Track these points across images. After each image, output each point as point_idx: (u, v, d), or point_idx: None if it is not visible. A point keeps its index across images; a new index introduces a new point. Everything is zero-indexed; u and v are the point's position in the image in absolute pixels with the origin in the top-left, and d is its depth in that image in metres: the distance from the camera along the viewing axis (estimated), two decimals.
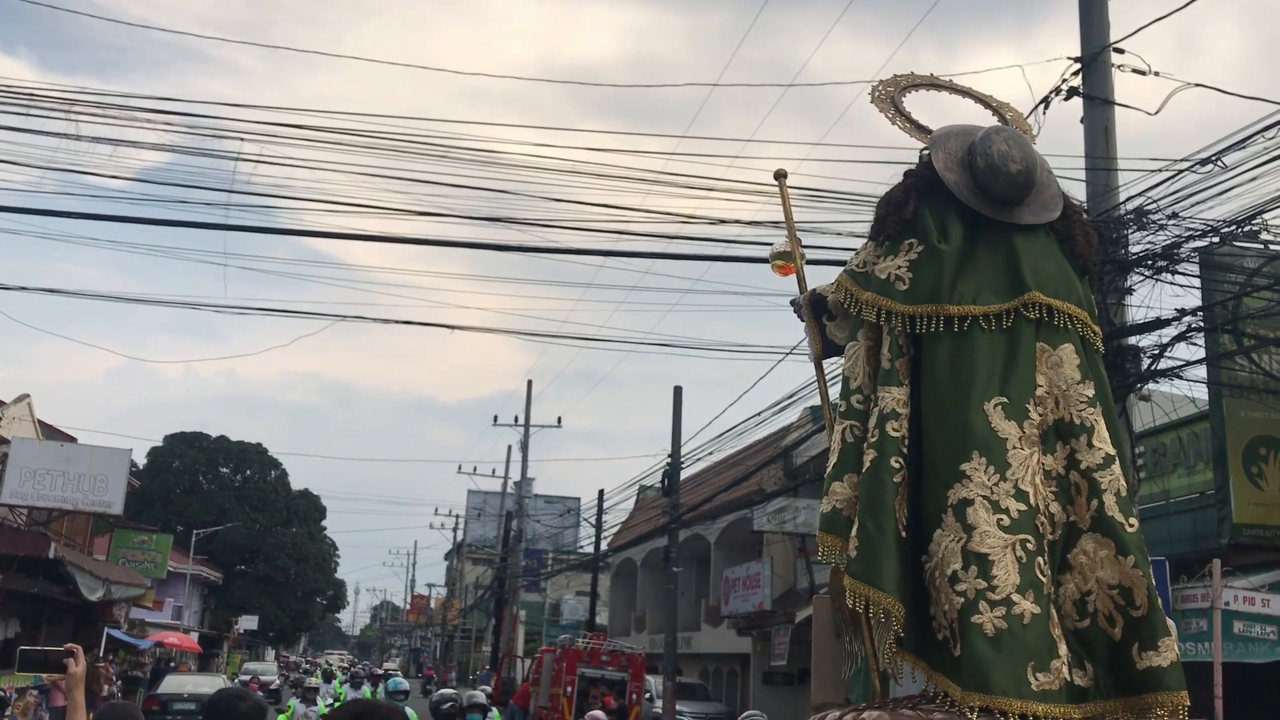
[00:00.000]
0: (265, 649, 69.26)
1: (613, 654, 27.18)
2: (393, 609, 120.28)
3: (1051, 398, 3.59)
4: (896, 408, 3.57)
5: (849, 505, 3.57)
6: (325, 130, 15.03)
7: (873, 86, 4.10)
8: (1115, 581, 3.38)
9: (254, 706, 3.66)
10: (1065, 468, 3.54)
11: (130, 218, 14.72)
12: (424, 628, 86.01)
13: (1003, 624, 3.21)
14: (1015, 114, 4.20)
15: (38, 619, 27.00)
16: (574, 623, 44.89)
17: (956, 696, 3.20)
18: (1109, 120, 13.05)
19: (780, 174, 4.50)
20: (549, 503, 52.61)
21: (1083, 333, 3.70)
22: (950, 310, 3.62)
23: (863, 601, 3.37)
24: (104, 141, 14.34)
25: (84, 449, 27.48)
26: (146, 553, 35.68)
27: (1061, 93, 12.93)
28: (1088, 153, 13.16)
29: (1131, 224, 12.84)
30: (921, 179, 3.87)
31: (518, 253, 17.42)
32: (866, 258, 3.91)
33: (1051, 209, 3.82)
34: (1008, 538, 3.31)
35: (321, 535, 64.21)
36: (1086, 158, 13.18)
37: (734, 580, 28.09)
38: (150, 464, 55.63)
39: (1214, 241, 12.83)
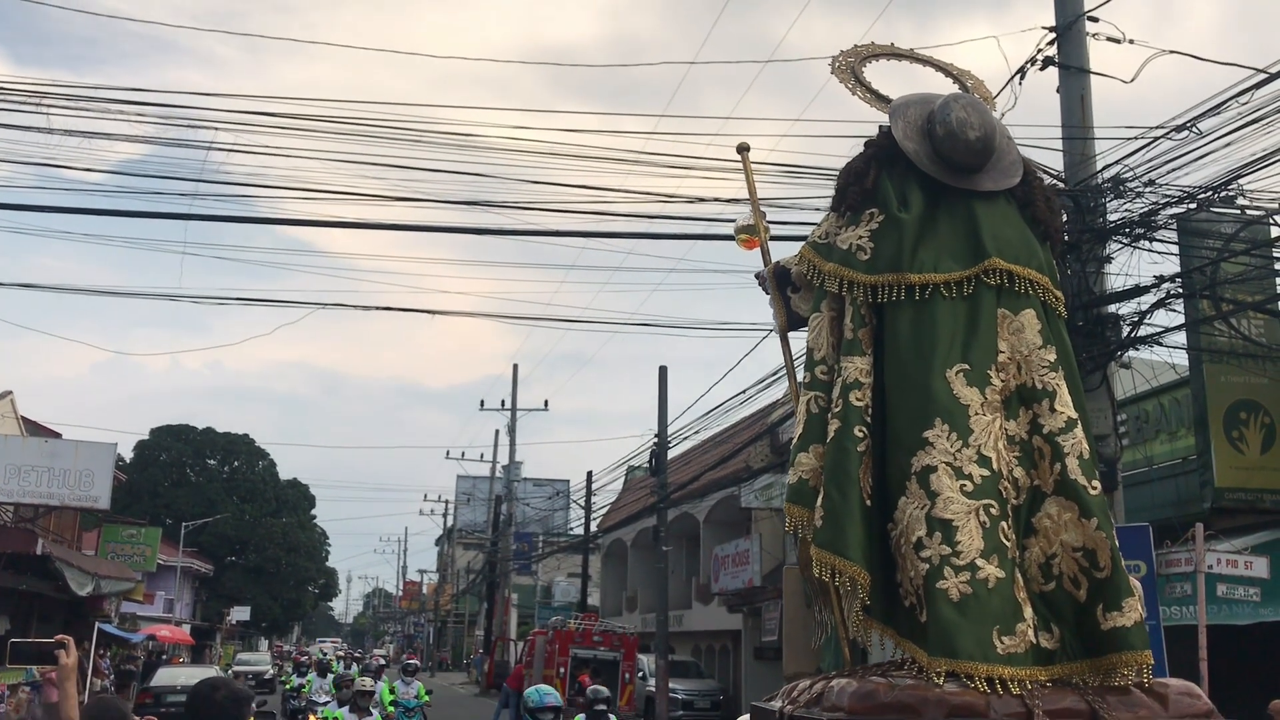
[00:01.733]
0: (258, 639, 69.29)
1: (605, 634, 27.27)
2: (385, 596, 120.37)
3: (1014, 363, 3.60)
4: (859, 377, 3.58)
5: (814, 475, 3.59)
6: (301, 118, 14.93)
7: (833, 57, 4.10)
8: (1079, 544, 3.40)
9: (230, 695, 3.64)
10: (1028, 432, 3.56)
11: (94, 209, 14.60)
12: (417, 614, 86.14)
13: (967, 589, 3.23)
14: (976, 81, 4.20)
15: (28, 615, 26.93)
16: (566, 604, 45.00)
17: (923, 662, 3.22)
18: (1085, 89, 13.06)
19: (743, 147, 4.49)
20: (538, 486, 52.72)
21: (1044, 298, 3.71)
22: (911, 279, 3.62)
23: (829, 570, 3.39)
24: (75, 134, 14.24)
25: (69, 444, 27.31)
26: (135, 546, 35.57)
27: (1037, 63, 12.93)
28: (1064, 122, 13.17)
29: (1109, 192, 12.87)
30: (881, 149, 3.88)
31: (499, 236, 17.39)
32: (829, 229, 3.91)
33: (1011, 175, 3.82)
34: (971, 503, 3.33)
35: (312, 524, 64.12)
36: (1063, 127, 13.19)
37: (723, 557, 28.19)
38: (137, 457, 55.45)
39: (1191, 208, 12.86)
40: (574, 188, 18.48)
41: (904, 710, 3.01)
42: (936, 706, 2.99)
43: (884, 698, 3.07)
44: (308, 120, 14.81)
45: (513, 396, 43.37)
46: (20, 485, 25.46)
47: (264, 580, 58.17)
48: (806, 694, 3.35)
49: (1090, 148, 13.09)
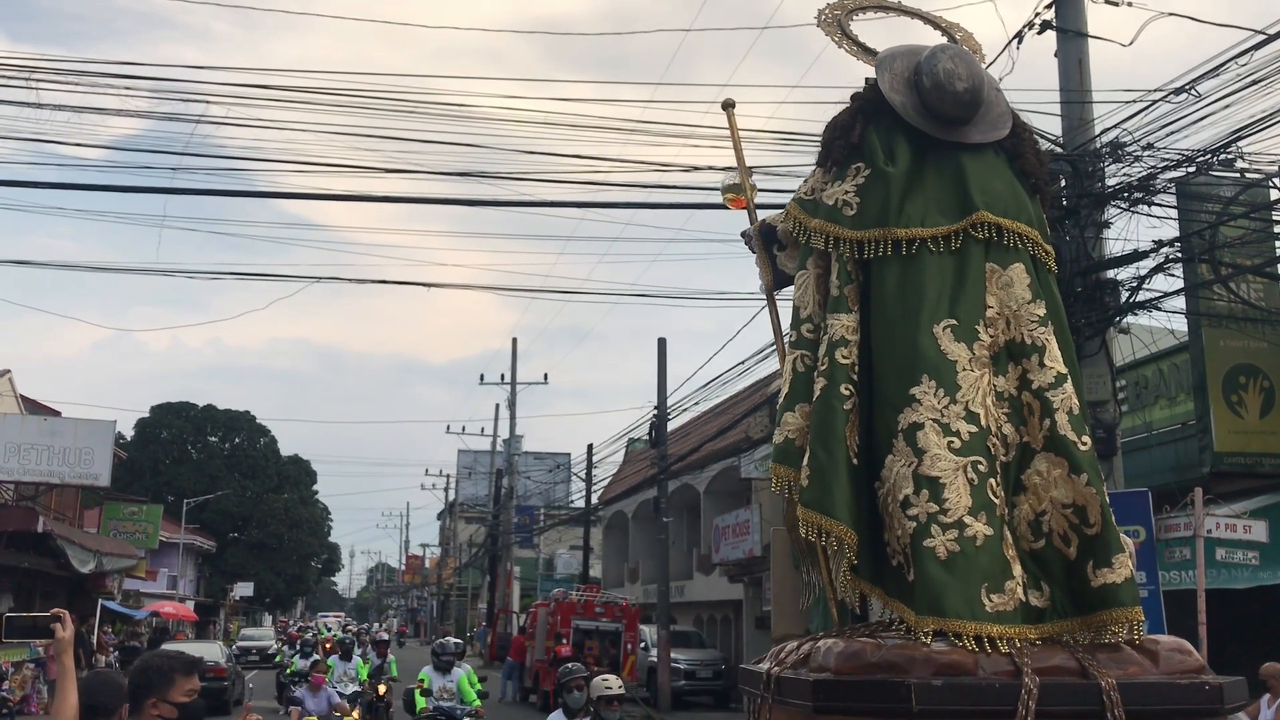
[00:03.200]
0: (262, 615, 69.62)
1: (606, 605, 27.38)
2: (388, 570, 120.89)
3: (1002, 318, 3.55)
4: (846, 334, 3.52)
5: (800, 435, 3.54)
6: (295, 90, 14.83)
7: (819, 10, 4.02)
8: (1069, 500, 3.36)
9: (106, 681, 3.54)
10: (1017, 388, 3.51)
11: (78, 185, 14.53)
12: (420, 588, 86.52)
13: (955, 546, 3.19)
14: (965, 33, 4.12)
15: (30, 592, 27.03)
16: (568, 576, 45.19)
17: (911, 621, 3.18)
18: (1083, 53, 12.96)
19: (728, 104, 4.42)
20: (539, 459, 52.82)
21: (1034, 252, 3.65)
22: (898, 233, 3.56)
23: (816, 530, 3.35)
24: (65, 109, 14.15)
25: (68, 422, 27.36)
26: (137, 524, 35.70)
27: (1035, 27, 12.82)
28: (1062, 86, 13.08)
29: (1107, 157, 12.79)
30: (868, 102, 3.81)
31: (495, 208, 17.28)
32: (814, 184, 3.85)
33: (1000, 127, 3.76)
34: (959, 460, 3.29)
35: (313, 500, 64.30)
36: (1061, 91, 13.10)
37: (724, 528, 28.23)
38: (138, 435, 55.53)
39: (1190, 171, 12.78)
40: (571, 158, 18.37)
41: (891, 669, 2.97)
42: (924, 665, 2.96)
43: (871, 657, 3.03)
44: (302, 93, 14.71)
45: (512, 370, 43.39)
46: (20, 464, 25.53)
47: (267, 556, 58.38)
48: (794, 655, 3.31)
49: (1088, 112, 12.99)
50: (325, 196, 17.04)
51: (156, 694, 3.43)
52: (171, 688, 3.45)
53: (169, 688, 3.45)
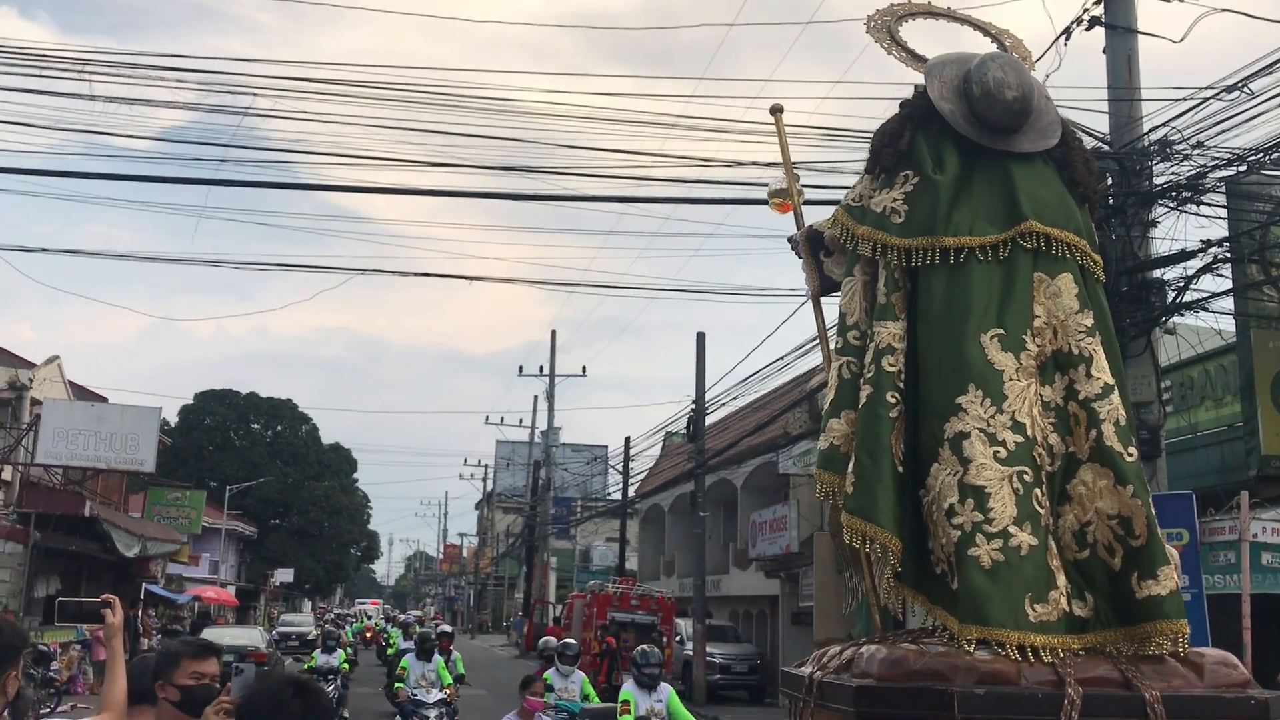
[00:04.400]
0: (302, 601, 70.35)
1: (642, 598, 27.47)
2: (426, 558, 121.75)
3: (1050, 328, 3.55)
4: (892, 342, 3.54)
5: (845, 442, 3.56)
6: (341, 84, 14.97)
7: (868, 16, 4.02)
8: (1114, 511, 3.35)
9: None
10: (1064, 398, 3.51)
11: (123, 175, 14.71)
12: (457, 576, 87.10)
13: (999, 556, 3.20)
14: (1015, 40, 4.10)
15: (77, 576, 27.50)
16: (604, 568, 45.29)
17: (954, 629, 3.19)
18: (1132, 49, 12.80)
19: (776, 109, 4.43)
20: (576, 451, 52.96)
21: (1082, 261, 3.64)
22: (946, 242, 3.57)
23: (860, 537, 3.37)
24: (117, 101, 14.38)
25: (114, 408, 27.76)
26: (181, 509, 36.15)
27: (1083, 22, 12.68)
28: (1110, 83, 12.93)
29: (1155, 155, 12.64)
30: (917, 109, 3.81)
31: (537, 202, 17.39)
32: (862, 191, 3.86)
33: (1049, 136, 3.75)
34: (1004, 470, 3.29)
35: (354, 488, 64.85)
36: (1109, 88, 12.96)
37: (761, 523, 28.20)
38: (182, 422, 56.21)
39: (1240, 170, 12.61)
40: (612, 152, 18.44)
41: (934, 677, 2.99)
42: (966, 674, 2.97)
43: (914, 664, 3.05)
44: (348, 86, 14.85)
45: (551, 363, 43.53)
46: (68, 448, 25.92)
47: (307, 543, 58.96)
48: (836, 660, 3.34)
49: (1137, 109, 12.84)
50: (369, 189, 17.20)
51: (163, 676, 3.47)
52: (176, 670, 3.47)
53: (174, 670, 3.47)
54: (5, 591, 23.70)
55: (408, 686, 13.67)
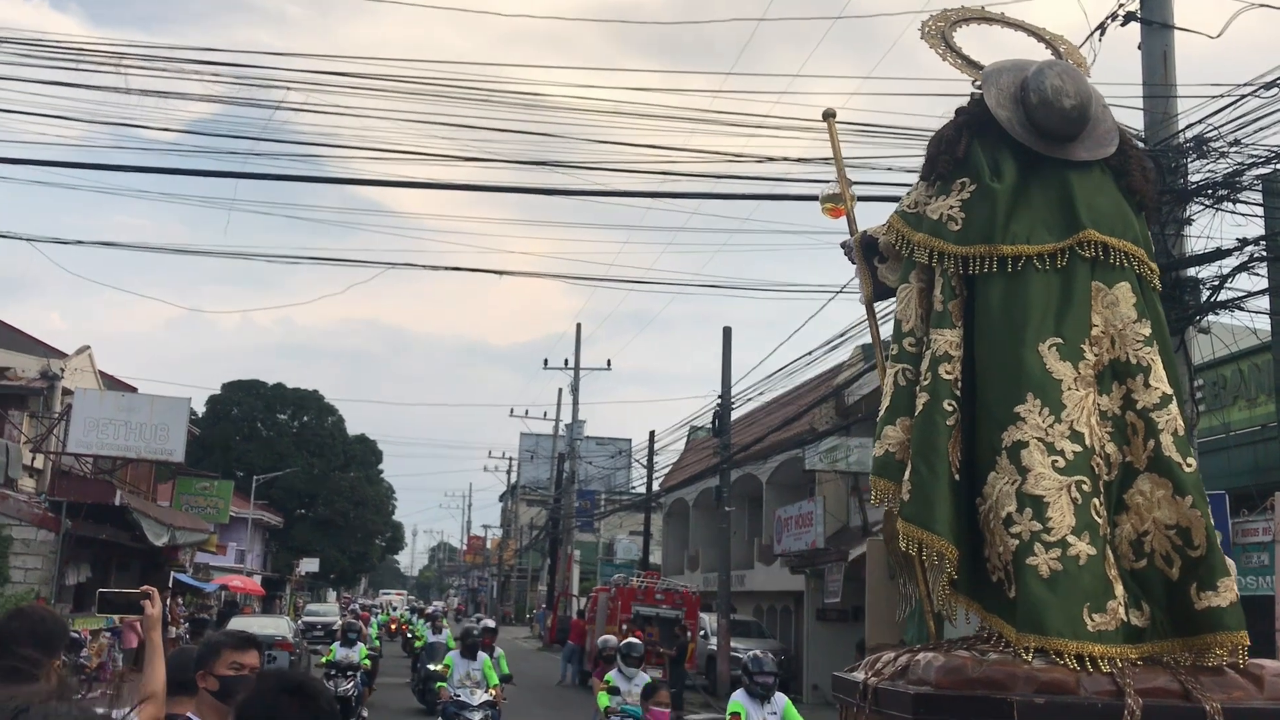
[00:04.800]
0: (327, 591, 70.80)
1: (666, 592, 27.51)
2: (450, 550, 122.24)
3: (1107, 337, 3.54)
4: (949, 350, 3.54)
5: (901, 449, 3.56)
6: (370, 77, 15.05)
7: (922, 22, 4.01)
8: (1173, 522, 3.35)
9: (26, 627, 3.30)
10: (1121, 408, 3.50)
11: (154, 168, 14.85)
12: (480, 568, 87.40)
13: (1058, 565, 3.20)
14: (1069, 46, 4.09)
15: (106, 564, 27.75)
16: (628, 562, 45.40)
17: (1011, 638, 3.20)
18: (1168, 45, 12.68)
19: (829, 113, 4.42)
20: (600, 444, 53.03)
21: (1139, 270, 3.64)
22: (1004, 250, 3.56)
23: (916, 544, 3.37)
24: (152, 94, 14.48)
25: (144, 398, 27.98)
26: (209, 499, 36.41)
27: (1118, 18, 12.57)
28: (1145, 80, 12.82)
29: (1191, 152, 12.53)
30: (973, 116, 3.80)
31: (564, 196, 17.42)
32: (918, 198, 3.85)
33: (1107, 144, 3.73)
34: (1063, 479, 3.29)
35: (379, 479, 65.17)
36: (1144, 85, 12.84)
37: (786, 519, 28.17)
38: (209, 412, 56.61)
39: (1278, 168, 12.50)
40: (639, 147, 18.44)
41: (992, 685, 2.99)
42: (1026, 683, 2.97)
43: (972, 673, 3.06)
44: (376, 80, 14.91)
45: (576, 356, 43.57)
46: (99, 438, 26.15)
47: (332, 533, 59.30)
48: (891, 666, 3.34)
49: (1172, 106, 12.73)
50: (399, 184, 17.26)
51: (205, 666, 3.53)
52: (217, 660, 3.53)
53: (214, 660, 3.53)
54: (37, 579, 23.96)
55: (451, 686, 12.81)
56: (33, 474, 27.91)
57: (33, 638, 3.24)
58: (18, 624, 3.29)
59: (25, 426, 27.99)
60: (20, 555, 23.59)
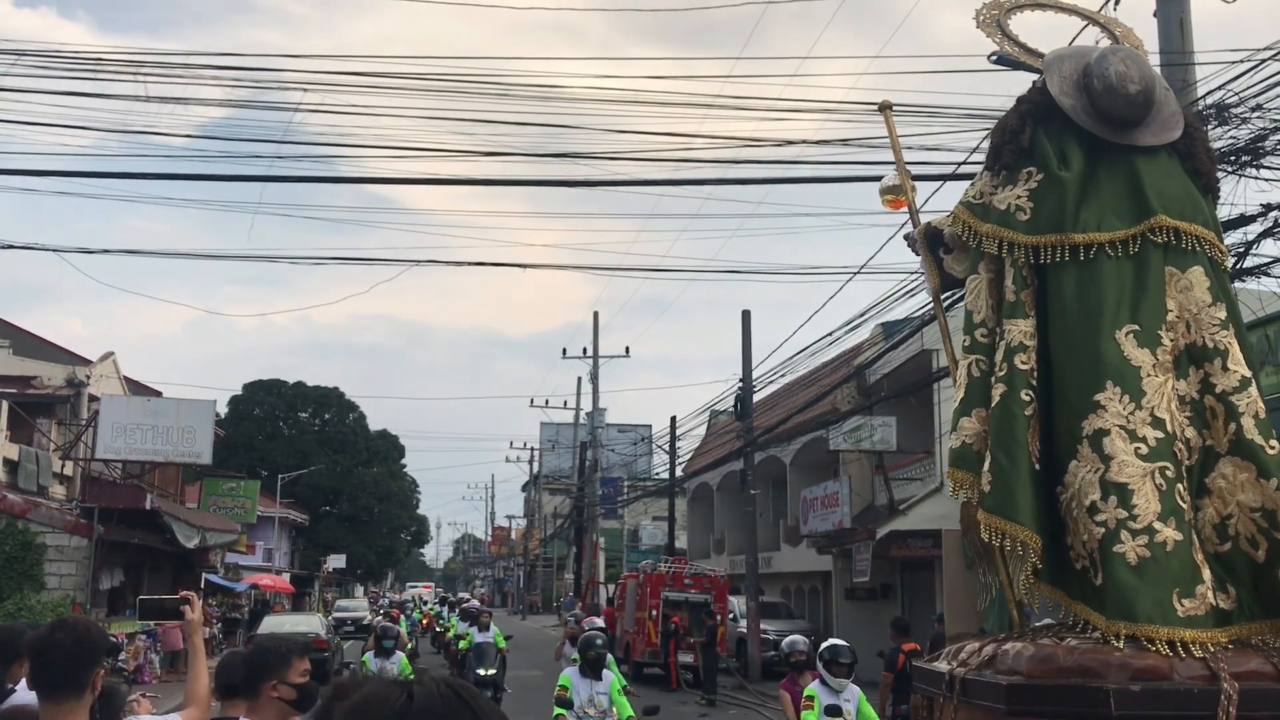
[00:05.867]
0: (354, 586, 71.19)
1: (695, 577, 27.54)
2: (474, 541, 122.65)
3: (1182, 322, 3.54)
4: (1024, 340, 3.54)
5: (979, 440, 3.57)
6: (382, 75, 15.06)
7: (977, 10, 4.00)
8: (1258, 504, 3.36)
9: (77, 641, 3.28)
10: (1200, 392, 3.51)
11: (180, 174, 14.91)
12: (506, 558, 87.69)
13: (1145, 552, 3.21)
14: (1125, 30, 4.07)
15: (139, 568, 27.98)
16: (653, 547, 45.48)
17: (1100, 625, 3.21)
18: (1184, 12, 12.58)
19: (885, 105, 4.42)
20: (621, 431, 53.10)
21: (1210, 254, 3.64)
22: (1075, 239, 3.56)
23: (999, 535, 3.39)
24: (171, 101, 14.54)
25: (170, 402, 28.16)
26: (236, 499, 36.63)
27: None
28: (1162, 48, 12.73)
29: (1211, 119, 12.45)
30: (1036, 105, 3.79)
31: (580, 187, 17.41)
32: (983, 188, 3.85)
33: (1172, 128, 3.73)
34: (1146, 466, 3.30)
35: (402, 473, 65.46)
36: (1161, 53, 12.75)
37: (812, 500, 28.16)
38: (231, 412, 56.88)
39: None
40: (653, 135, 18.41)
41: (1086, 674, 3.01)
42: (1120, 670, 2.99)
43: (1064, 661, 3.07)
44: (389, 77, 14.94)
45: (594, 344, 43.58)
46: (127, 443, 26.34)
47: (358, 528, 59.61)
48: (977, 657, 3.36)
49: (1191, 74, 12.63)
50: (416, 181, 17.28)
51: (276, 675, 3.47)
52: (289, 669, 3.50)
53: (287, 669, 3.49)
54: (71, 585, 24.18)
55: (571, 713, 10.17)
56: (63, 481, 28.14)
57: (77, 648, 3.28)
58: (60, 635, 3.32)
59: (54, 434, 28.22)
60: (54, 562, 23.80)
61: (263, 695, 3.49)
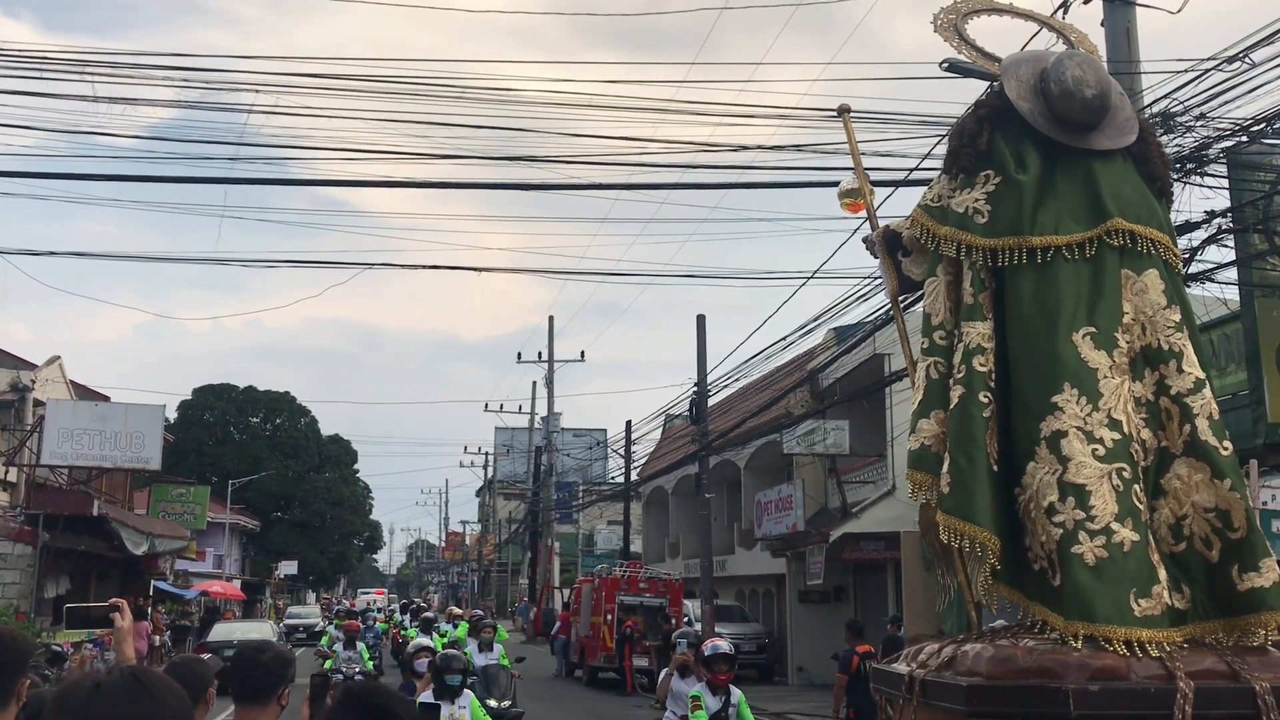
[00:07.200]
0: (306, 592, 70.49)
1: (650, 581, 27.56)
2: (428, 547, 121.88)
3: (1138, 324, 3.58)
4: (982, 342, 3.57)
5: (937, 441, 3.59)
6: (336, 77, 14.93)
7: (934, 15, 4.03)
8: (1212, 505, 3.40)
9: (276, 657, 3.74)
10: (1155, 394, 3.55)
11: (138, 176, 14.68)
12: (460, 564, 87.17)
13: (1103, 553, 3.24)
14: (1080, 35, 4.12)
15: (86, 575, 27.49)
16: (608, 552, 45.42)
17: (1059, 626, 3.24)
18: (1131, 21, 12.77)
19: (844, 109, 4.44)
20: (577, 436, 52.96)
21: (1165, 257, 3.69)
22: (1033, 241, 3.60)
23: (958, 536, 3.40)
24: (119, 101, 14.30)
25: (118, 407, 27.69)
26: (185, 505, 36.12)
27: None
28: (1110, 57, 12.90)
29: (1157, 127, 12.65)
30: (993, 108, 3.82)
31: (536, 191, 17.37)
32: (941, 191, 3.87)
33: (1128, 132, 3.78)
34: (1103, 467, 3.34)
35: (354, 479, 64.94)
36: (1109, 61, 12.91)
37: (766, 503, 28.26)
38: (181, 417, 56.12)
39: (1242, 141, 12.64)
40: (608, 139, 18.42)
41: (1045, 674, 3.03)
42: (1078, 670, 3.01)
43: (1023, 662, 3.09)
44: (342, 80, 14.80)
45: (549, 349, 43.50)
46: (74, 448, 25.87)
47: (310, 534, 59.05)
48: (936, 658, 3.37)
49: (1137, 82, 12.83)
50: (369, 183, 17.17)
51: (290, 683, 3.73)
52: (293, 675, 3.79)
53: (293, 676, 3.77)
54: (15, 593, 23.71)
55: None
56: (6, 487, 27.57)
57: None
58: None
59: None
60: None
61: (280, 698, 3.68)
